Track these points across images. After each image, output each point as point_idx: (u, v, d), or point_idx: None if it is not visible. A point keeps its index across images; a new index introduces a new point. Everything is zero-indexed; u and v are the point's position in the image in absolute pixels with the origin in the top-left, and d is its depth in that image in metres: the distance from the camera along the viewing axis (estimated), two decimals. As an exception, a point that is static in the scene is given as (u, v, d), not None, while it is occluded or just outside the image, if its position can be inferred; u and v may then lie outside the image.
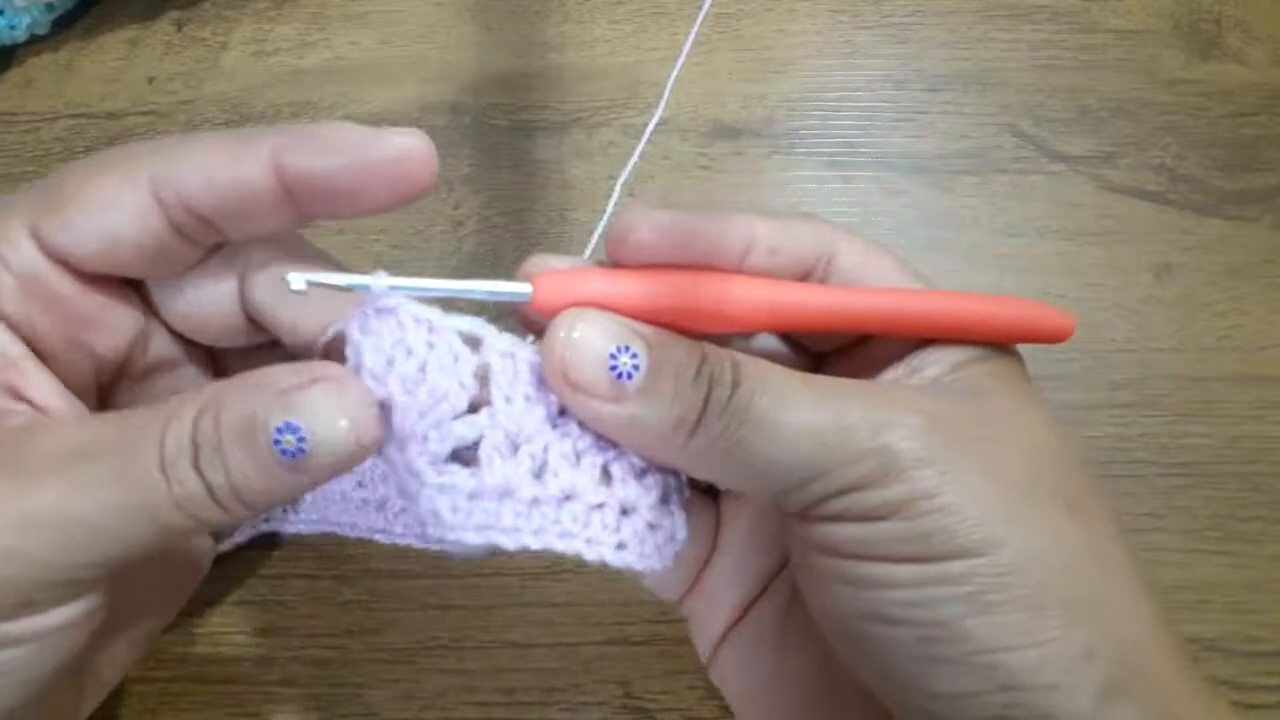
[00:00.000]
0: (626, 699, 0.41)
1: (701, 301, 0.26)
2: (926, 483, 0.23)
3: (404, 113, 0.52)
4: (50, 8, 0.53)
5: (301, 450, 0.23)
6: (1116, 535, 0.25)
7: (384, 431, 0.24)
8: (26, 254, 0.25)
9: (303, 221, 0.27)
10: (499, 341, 0.26)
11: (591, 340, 0.24)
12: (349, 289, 0.25)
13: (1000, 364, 0.27)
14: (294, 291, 0.24)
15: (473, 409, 0.25)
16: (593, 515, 0.26)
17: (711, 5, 0.47)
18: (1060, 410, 0.27)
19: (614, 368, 0.24)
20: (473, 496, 0.25)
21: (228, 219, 0.26)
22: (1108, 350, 0.46)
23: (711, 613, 0.33)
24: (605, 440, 0.26)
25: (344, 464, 0.24)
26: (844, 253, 0.27)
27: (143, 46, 0.54)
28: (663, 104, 0.30)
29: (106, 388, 0.29)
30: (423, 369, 0.24)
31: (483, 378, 0.25)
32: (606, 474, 0.26)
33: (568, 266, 0.27)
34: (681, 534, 0.27)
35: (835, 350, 0.30)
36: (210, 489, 0.23)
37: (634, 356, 0.24)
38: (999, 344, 0.27)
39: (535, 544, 0.25)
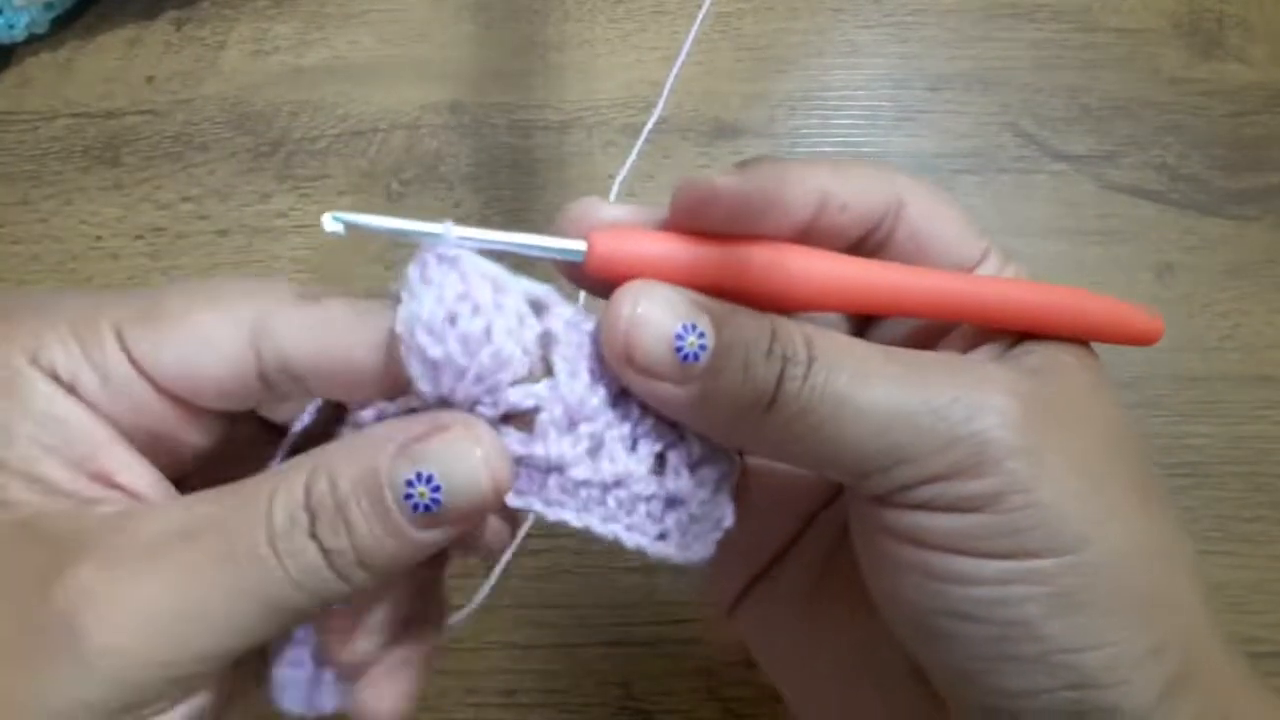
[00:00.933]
0: (626, 700, 0.40)
1: (775, 282, 0.24)
2: (1021, 475, 0.22)
3: (404, 112, 0.52)
4: (49, 7, 0.53)
5: (436, 501, 0.22)
6: (1180, 526, 0.25)
7: (434, 389, 0.23)
8: (111, 355, 0.23)
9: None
10: (565, 310, 0.24)
11: (656, 318, 0.22)
12: (391, 233, 0.24)
13: (1075, 353, 0.26)
14: (329, 233, 0.23)
15: (530, 376, 0.24)
16: (639, 504, 0.25)
17: (712, 4, 0.46)
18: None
19: (680, 348, 0.22)
20: (521, 462, 0.24)
21: (321, 384, 0.24)
22: (1109, 350, 0.46)
23: (730, 560, 0.30)
24: (665, 425, 0.25)
25: (480, 512, 0.23)
26: (911, 203, 0.26)
27: (141, 46, 0.54)
28: (662, 103, 0.30)
29: (199, 473, 0.27)
30: (487, 330, 0.23)
31: (545, 345, 0.24)
32: (661, 462, 0.25)
33: (621, 218, 0.25)
34: (728, 521, 0.26)
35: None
36: (329, 557, 0.22)
37: (700, 335, 0.22)
38: (1078, 341, 0.26)
39: (576, 521, 0.24)
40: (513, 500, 0.24)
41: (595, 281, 0.24)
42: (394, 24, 0.54)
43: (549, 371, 0.24)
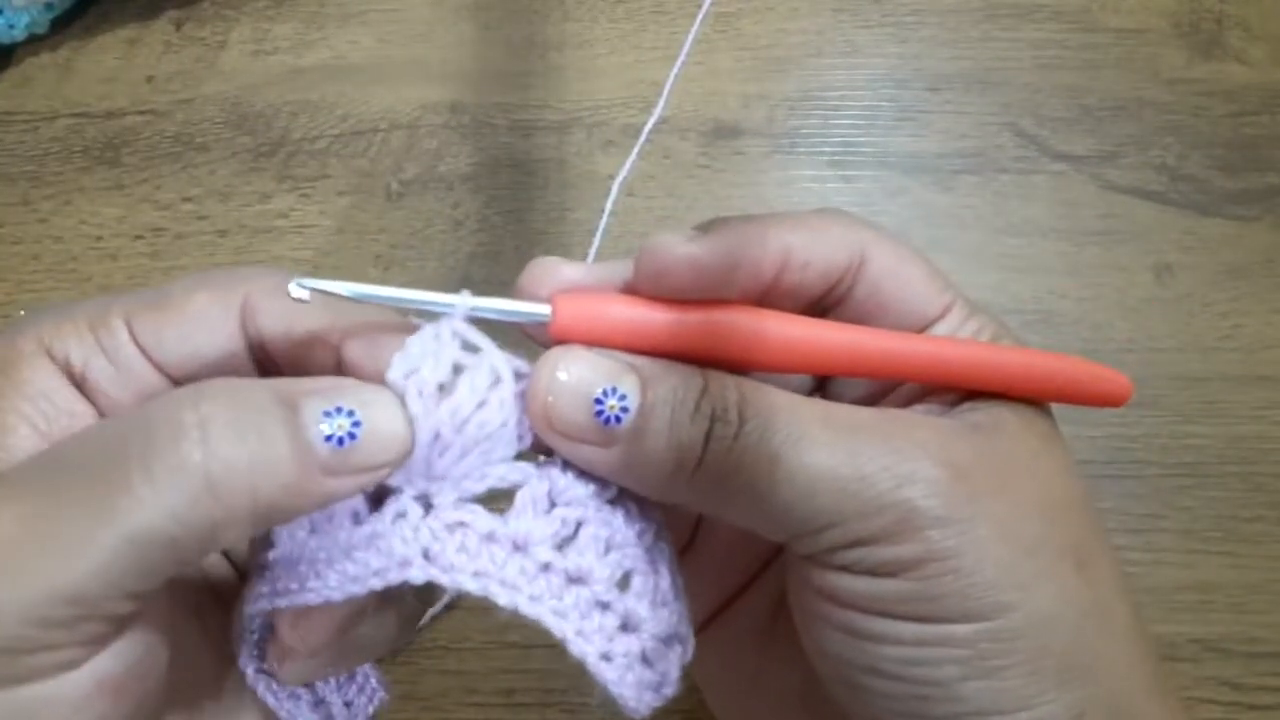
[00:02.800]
0: (626, 700, 0.40)
1: (735, 346, 0.24)
2: (943, 544, 0.22)
3: (403, 112, 0.52)
4: (49, 7, 0.53)
5: (353, 435, 0.21)
6: (1120, 589, 0.25)
7: (420, 459, 0.23)
8: (121, 342, 0.25)
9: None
10: None
11: (575, 383, 0.23)
12: (352, 299, 0.23)
13: (1018, 407, 0.26)
14: (295, 299, 0.23)
15: (519, 454, 0.24)
16: (594, 611, 0.24)
17: (712, 4, 0.46)
18: (1061, 411, 0.27)
19: (600, 412, 0.22)
20: (487, 540, 0.23)
21: (292, 368, 0.25)
22: (1109, 350, 0.46)
23: (688, 599, 0.32)
24: (644, 547, 0.25)
25: (386, 468, 0.22)
26: (874, 258, 0.26)
27: (141, 46, 0.54)
28: (662, 103, 0.30)
29: None
30: (482, 405, 0.23)
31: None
32: (626, 580, 0.24)
33: (582, 278, 0.25)
34: (669, 689, 0.25)
35: None
36: (210, 471, 0.20)
37: (623, 399, 0.22)
38: (1045, 402, 0.26)
39: (528, 610, 0.23)
40: (469, 584, 0.23)
41: (561, 344, 0.24)
42: (394, 24, 0.54)
43: (544, 450, 0.24)
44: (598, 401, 0.22)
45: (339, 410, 0.21)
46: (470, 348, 0.23)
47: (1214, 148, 0.50)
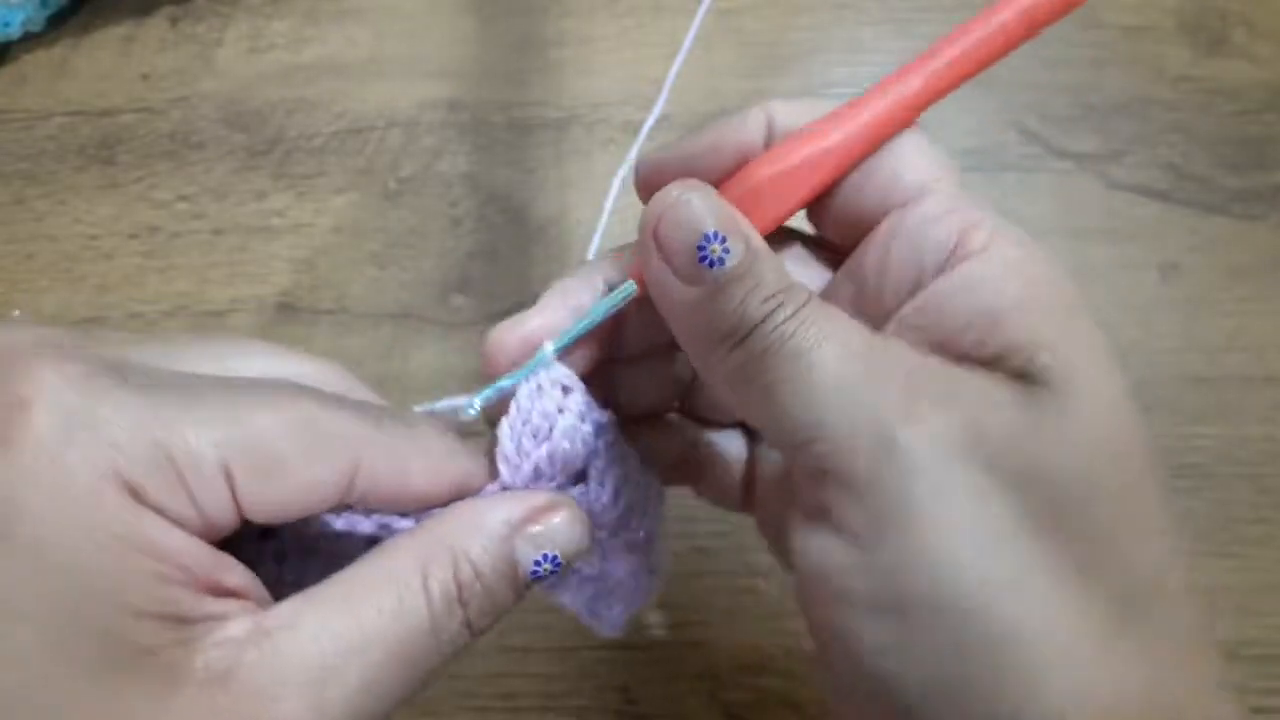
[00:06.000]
0: (626, 704, 0.40)
1: (761, 182, 0.25)
2: (914, 508, 0.20)
3: (401, 109, 0.51)
4: (45, 4, 0.52)
5: (554, 573, 0.25)
6: (1150, 599, 0.21)
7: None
8: (222, 503, 0.22)
9: None
10: (601, 417, 0.27)
11: (694, 212, 0.23)
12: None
13: (1074, 351, 0.22)
14: (471, 416, 0.26)
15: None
16: (605, 594, 0.29)
17: (712, 1, 0.46)
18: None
19: (702, 248, 0.22)
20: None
21: (400, 509, 0.26)
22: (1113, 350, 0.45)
23: (720, 463, 0.31)
24: (637, 539, 0.29)
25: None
26: (779, 114, 0.26)
27: (137, 43, 0.54)
28: (662, 100, 0.29)
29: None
30: (571, 444, 0.26)
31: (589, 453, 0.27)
32: (639, 570, 0.29)
33: (542, 325, 0.27)
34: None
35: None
36: (473, 632, 0.24)
37: (726, 250, 0.22)
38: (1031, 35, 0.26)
39: (559, 601, 0.29)
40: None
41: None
42: (391, 21, 0.53)
43: (582, 477, 0.27)
44: (705, 239, 0.22)
45: (545, 558, 0.25)
46: (565, 389, 0.26)
47: (1220, 146, 0.50)
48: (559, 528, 0.25)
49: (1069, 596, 0.20)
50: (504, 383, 0.26)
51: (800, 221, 0.27)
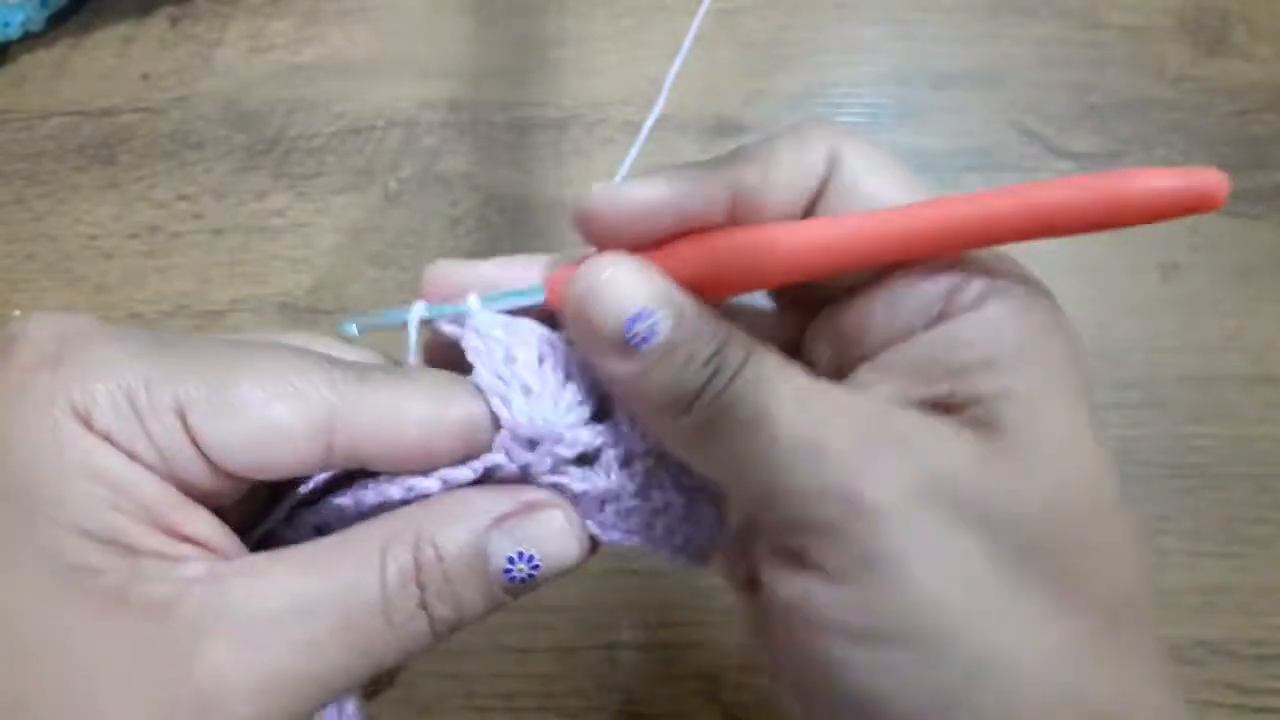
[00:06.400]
0: (626, 704, 0.40)
1: (741, 265, 0.24)
2: (886, 551, 0.21)
3: (401, 109, 0.51)
4: (45, 4, 0.52)
5: (532, 576, 0.23)
6: (1125, 618, 0.22)
7: (525, 433, 0.25)
8: (173, 435, 0.22)
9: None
10: None
11: (617, 294, 0.23)
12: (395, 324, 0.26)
13: (1042, 400, 0.23)
14: (348, 336, 0.25)
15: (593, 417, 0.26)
16: (680, 527, 0.27)
17: (712, 0, 0.46)
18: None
19: (630, 329, 0.22)
20: (580, 496, 0.26)
21: (388, 466, 0.25)
22: (1114, 350, 0.45)
23: (728, 564, 0.30)
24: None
25: (557, 579, 0.24)
26: (848, 156, 0.25)
27: (137, 43, 0.54)
28: (662, 100, 0.29)
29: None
30: (543, 359, 0.25)
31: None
32: (701, 492, 0.28)
33: (496, 275, 0.26)
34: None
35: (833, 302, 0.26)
36: (434, 624, 0.23)
37: (653, 328, 0.22)
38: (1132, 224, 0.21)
39: (623, 540, 0.26)
40: None
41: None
42: (391, 20, 0.53)
43: (609, 416, 0.26)
44: (631, 320, 0.22)
45: (520, 557, 0.23)
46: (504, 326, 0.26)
47: (1219, 146, 0.49)
48: (544, 526, 0.24)
49: (1042, 622, 0.21)
50: (433, 310, 0.26)
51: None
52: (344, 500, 0.25)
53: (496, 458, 0.25)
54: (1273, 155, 0.49)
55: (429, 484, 0.24)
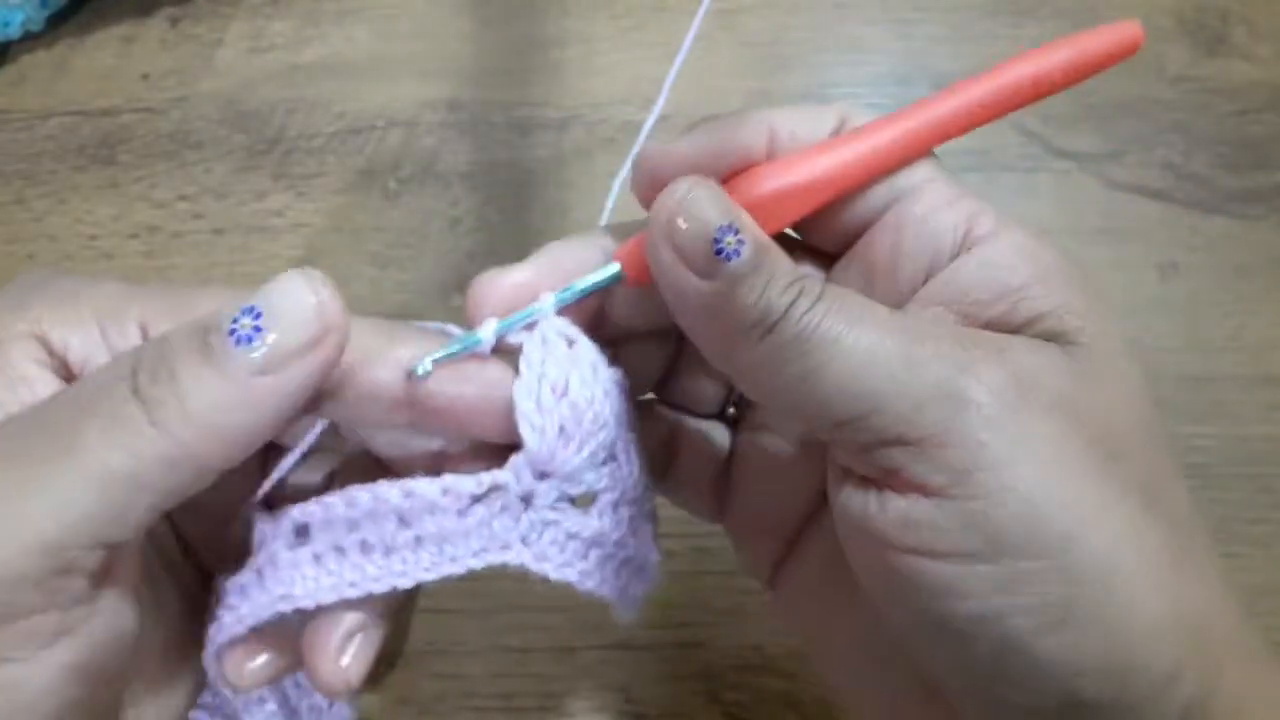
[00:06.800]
0: (626, 704, 0.40)
1: (765, 194, 0.25)
2: (996, 453, 0.21)
3: (401, 109, 0.51)
4: (45, 4, 0.52)
5: (258, 330, 0.21)
6: (1194, 529, 0.23)
7: (542, 451, 0.25)
8: (134, 343, 0.24)
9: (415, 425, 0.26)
10: (627, 396, 0.27)
11: (704, 207, 0.23)
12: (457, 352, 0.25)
13: (1094, 316, 0.24)
14: (419, 376, 0.24)
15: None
16: (636, 579, 0.28)
17: (712, 1, 0.46)
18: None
19: (717, 242, 0.22)
20: (571, 538, 0.26)
21: (335, 406, 0.25)
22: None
23: (761, 532, 0.30)
24: (649, 508, 0.28)
25: (311, 346, 0.22)
26: (853, 119, 0.26)
27: (137, 43, 0.53)
28: (662, 100, 0.29)
29: None
30: (592, 401, 0.25)
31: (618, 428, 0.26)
32: (651, 537, 0.28)
33: (529, 278, 0.26)
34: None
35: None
36: (149, 410, 0.21)
37: (740, 241, 0.22)
38: (1076, 79, 0.26)
39: (597, 591, 0.26)
40: (553, 573, 0.26)
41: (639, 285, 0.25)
42: (391, 20, 0.53)
43: (612, 456, 0.26)
44: (720, 230, 0.22)
45: (244, 312, 0.21)
46: (569, 340, 0.26)
47: (1219, 146, 0.49)
48: (267, 285, 0.22)
49: (1143, 524, 0.21)
50: (504, 324, 0.25)
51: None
52: (333, 499, 0.25)
53: (504, 476, 0.25)
54: (1272, 155, 0.49)
55: (430, 489, 0.24)
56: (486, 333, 0.25)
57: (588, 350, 0.25)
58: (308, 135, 0.51)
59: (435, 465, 0.27)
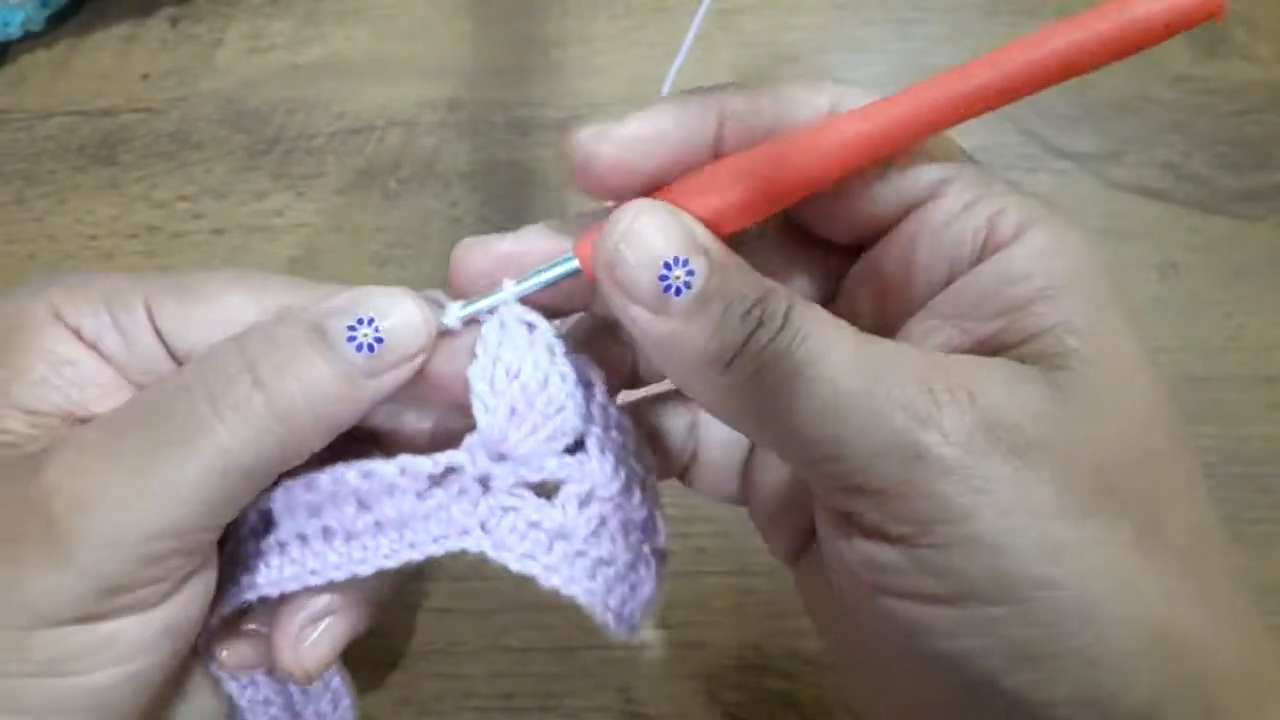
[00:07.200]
0: (626, 704, 0.40)
1: (786, 167, 0.23)
2: (956, 501, 0.20)
3: (401, 109, 0.51)
4: (45, 4, 0.52)
5: (379, 340, 0.23)
6: (1205, 555, 0.22)
7: (494, 433, 0.25)
8: (139, 323, 0.25)
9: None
10: (601, 392, 0.26)
11: (648, 241, 0.22)
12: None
13: (1099, 334, 0.22)
14: (447, 328, 0.25)
15: (569, 448, 0.26)
16: (618, 585, 0.27)
17: (712, 1, 0.46)
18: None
19: (664, 278, 0.21)
20: (533, 526, 0.25)
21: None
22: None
23: (786, 510, 0.29)
24: (645, 516, 0.27)
25: (418, 354, 0.24)
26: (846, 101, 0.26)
27: (137, 43, 0.53)
28: (662, 101, 0.29)
29: None
30: (545, 383, 0.25)
31: (586, 423, 0.26)
32: (642, 554, 0.27)
33: (512, 248, 0.26)
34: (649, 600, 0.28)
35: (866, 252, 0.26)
36: (271, 401, 0.23)
37: (690, 273, 0.21)
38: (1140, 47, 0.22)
39: (564, 589, 0.26)
40: (514, 562, 0.25)
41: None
42: (391, 20, 0.53)
43: (580, 447, 0.26)
44: (665, 266, 0.22)
45: (361, 322, 0.23)
46: (530, 326, 0.26)
47: (1219, 146, 0.49)
48: (375, 298, 0.24)
49: (1130, 559, 0.20)
50: (470, 308, 0.25)
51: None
52: (293, 483, 0.25)
53: (460, 457, 0.25)
54: (1272, 155, 0.49)
55: (387, 469, 0.25)
56: (450, 315, 0.25)
57: (545, 335, 0.25)
58: (307, 135, 0.51)
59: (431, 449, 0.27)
